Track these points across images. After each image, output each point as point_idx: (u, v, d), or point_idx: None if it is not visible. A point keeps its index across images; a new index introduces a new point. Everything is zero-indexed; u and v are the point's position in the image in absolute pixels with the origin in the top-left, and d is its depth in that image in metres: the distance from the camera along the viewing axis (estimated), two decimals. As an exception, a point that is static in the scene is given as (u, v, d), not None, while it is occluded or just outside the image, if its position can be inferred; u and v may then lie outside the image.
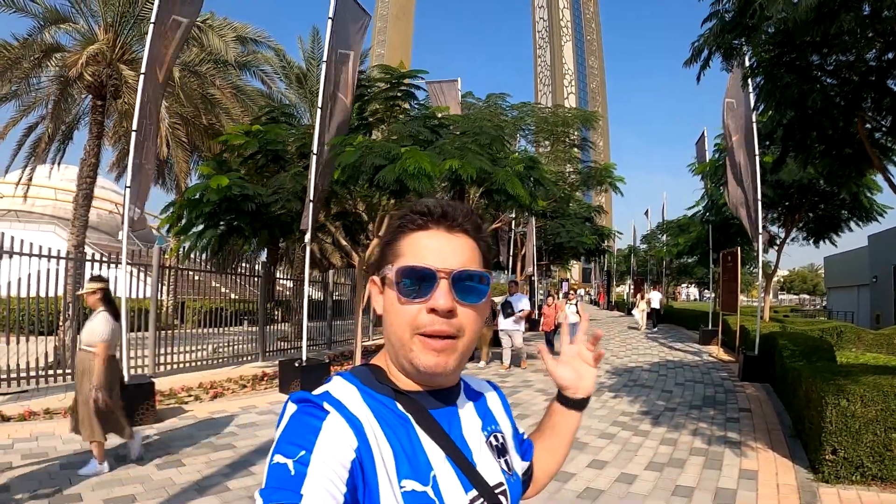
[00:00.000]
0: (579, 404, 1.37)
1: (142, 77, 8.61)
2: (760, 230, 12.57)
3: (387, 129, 13.68)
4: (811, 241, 18.82)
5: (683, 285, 64.00)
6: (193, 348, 12.63)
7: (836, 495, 5.42)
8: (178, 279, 17.38)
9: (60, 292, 11.05)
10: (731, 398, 10.29)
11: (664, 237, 35.45)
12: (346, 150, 10.56)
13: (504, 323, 13.83)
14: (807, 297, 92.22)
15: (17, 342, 9.99)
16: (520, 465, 1.29)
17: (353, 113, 13.46)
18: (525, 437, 1.41)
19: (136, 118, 8.60)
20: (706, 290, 29.72)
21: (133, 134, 8.63)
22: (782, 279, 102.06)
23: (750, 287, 53.32)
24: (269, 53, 20.34)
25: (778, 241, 18.89)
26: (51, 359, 10.85)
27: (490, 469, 1.11)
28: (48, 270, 10.23)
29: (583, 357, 1.35)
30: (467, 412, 1.16)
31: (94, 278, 6.29)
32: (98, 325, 5.79)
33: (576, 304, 15.39)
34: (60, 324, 11.56)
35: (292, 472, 0.85)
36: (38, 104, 14.74)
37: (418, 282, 1.02)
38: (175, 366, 12.00)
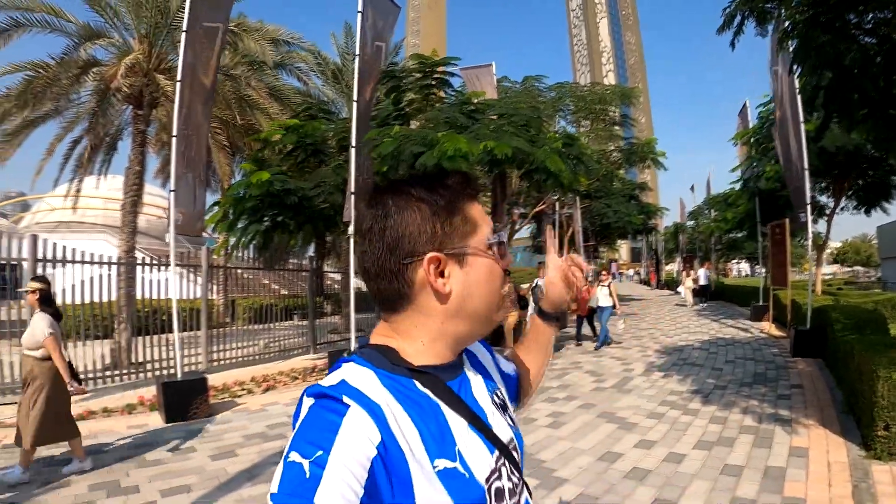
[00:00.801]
0: (545, 315, 1.50)
1: (178, 84, 8.77)
2: (808, 200, 12.24)
3: (423, 119, 13.72)
4: (862, 210, 18.28)
5: (734, 261, 62.84)
6: (245, 344, 12.90)
7: (888, 472, 5.29)
8: (227, 278, 17.73)
9: (114, 297, 11.36)
10: (783, 374, 10.08)
11: (711, 212, 34.79)
12: (384, 140, 10.64)
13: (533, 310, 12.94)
14: (860, 269, 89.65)
15: (75, 346, 10.35)
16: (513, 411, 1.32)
17: (390, 105, 13.56)
18: (513, 374, 1.45)
19: (175, 125, 8.78)
20: (757, 266, 29.12)
21: (174, 140, 8.81)
22: (835, 251, 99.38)
23: (802, 260, 52.01)
24: (304, 53, 20.58)
25: (826, 213, 18.43)
26: (107, 361, 11.20)
27: (502, 427, 1.13)
28: (100, 276, 10.54)
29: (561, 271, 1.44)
30: (472, 375, 1.18)
31: (34, 278, 6.14)
32: (36, 326, 5.66)
33: (608, 286, 14.44)
34: (115, 327, 11.89)
35: (307, 475, 0.83)
36: (80, 119, 15.11)
37: (500, 244, 1.09)
38: (228, 361, 12.31)
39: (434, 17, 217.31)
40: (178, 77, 8.78)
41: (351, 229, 10.95)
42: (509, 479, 1.09)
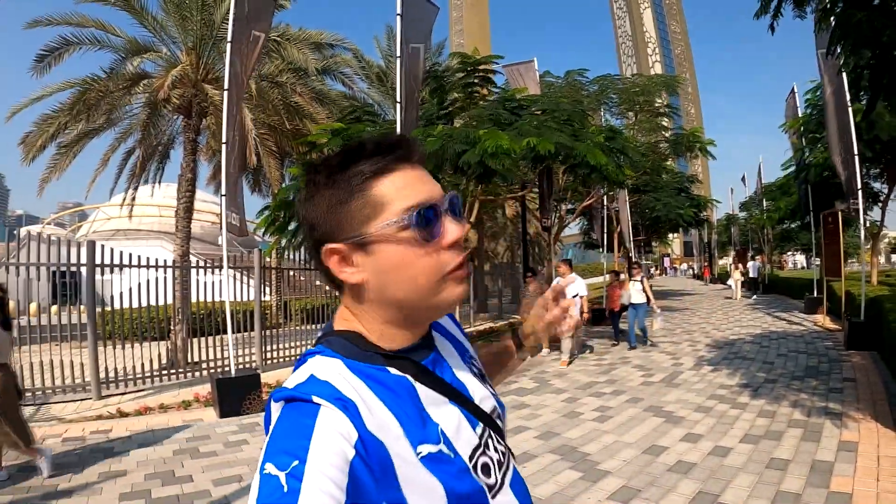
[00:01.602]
0: (519, 342, 1.41)
1: (225, 94, 9.03)
2: (859, 187, 11.97)
3: (467, 116, 13.80)
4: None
5: (788, 253, 61.37)
6: (298, 343, 13.17)
7: (941, 465, 5.20)
8: (280, 279, 18.05)
9: (170, 300, 11.73)
10: (836, 367, 9.91)
11: (764, 202, 34.09)
12: (428, 140, 10.77)
13: None
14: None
15: (133, 347, 10.75)
16: None
17: (434, 104, 13.68)
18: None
19: (224, 132, 9.04)
20: (812, 257, 28.79)
21: (223, 147, 9.08)
22: (893, 240, 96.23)
23: (858, 251, 50.59)
24: (347, 55, 20.80)
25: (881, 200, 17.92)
26: (164, 361, 11.58)
27: (483, 397, 1.11)
28: (156, 280, 10.92)
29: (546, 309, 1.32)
30: (446, 349, 1.13)
31: None
32: None
33: (641, 281, 13.34)
34: (171, 328, 12.28)
35: (285, 489, 0.77)
36: (133, 130, 15.55)
37: (428, 221, 0.94)
38: (281, 360, 12.57)
39: (477, 15, 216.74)
40: (226, 86, 9.03)
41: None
42: (495, 450, 1.07)
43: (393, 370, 0.99)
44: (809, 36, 10.63)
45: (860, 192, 11.98)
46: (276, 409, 0.90)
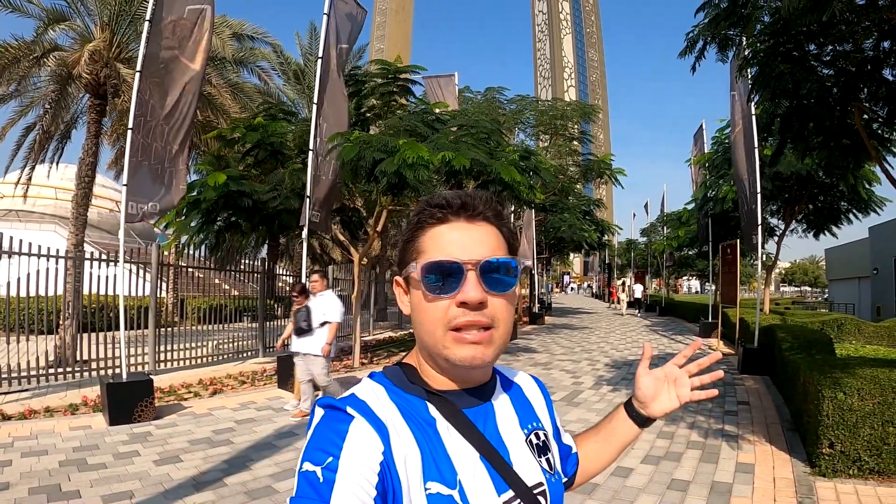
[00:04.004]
0: (642, 420, 1.33)
1: (138, 75, 8.59)
2: (760, 222, 12.52)
3: (383, 125, 13.66)
4: (811, 233, 18.76)
5: (684, 278, 63.97)
6: (194, 345, 12.63)
7: (832, 489, 5.40)
8: (178, 276, 17.39)
9: (60, 291, 11.06)
10: (730, 391, 10.27)
11: (665, 230, 35.65)
12: (346, 146, 10.57)
13: (298, 343, 8.23)
14: (808, 289, 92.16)
15: (18, 341, 10.03)
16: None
17: (351, 109, 13.48)
18: (573, 450, 1.37)
19: (131, 116, 8.57)
20: (707, 283, 30.61)
21: (129, 132, 8.61)
22: (784, 271, 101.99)
23: (751, 279, 53.33)
24: (267, 49, 20.28)
25: (777, 234, 18.83)
26: (51, 358, 10.88)
27: (529, 468, 1.08)
28: (47, 270, 10.23)
29: (677, 383, 1.29)
30: (503, 407, 1.14)
31: None
32: None
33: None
34: (61, 323, 11.57)
35: (321, 480, 0.86)
36: (36, 104, 14.71)
37: (444, 277, 0.99)
38: (175, 363, 12.03)
39: (400, 22, 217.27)
40: (139, 67, 8.59)
41: (305, 233, 10.88)
42: None
43: (431, 408, 1.03)
44: (719, 76, 11.09)
45: (760, 228, 12.51)
46: (317, 415, 0.97)
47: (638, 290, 36.98)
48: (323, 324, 8.15)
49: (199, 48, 9.41)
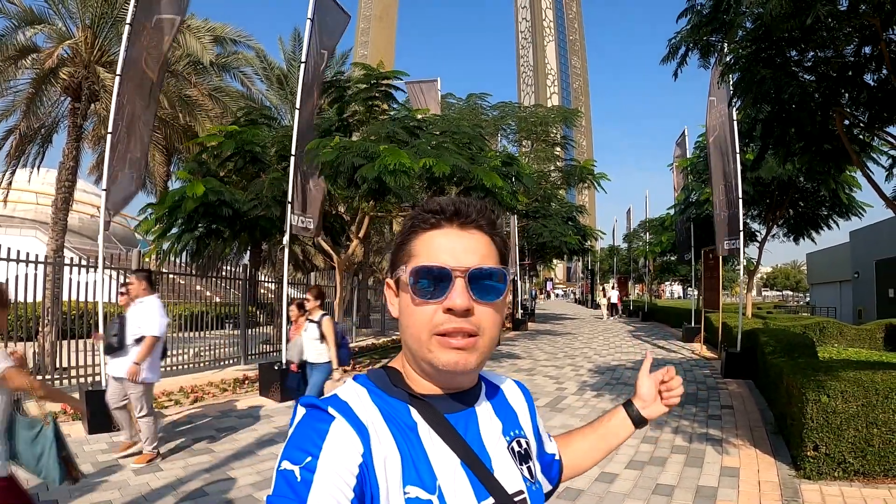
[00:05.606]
0: (638, 420, 1.44)
1: (118, 79, 8.50)
2: (741, 228, 12.58)
3: (365, 131, 13.62)
4: (792, 238, 18.86)
5: (667, 283, 64.31)
6: (175, 352, 12.45)
7: (818, 492, 5.42)
8: (158, 283, 17.21)
9: (39, 297, 10.89)
10: (714, 395, 10.30)
11: (647, 235, 35.80)
12: (323, 150, 10.51)
13: (112, 364, 6.67)
14: (790, 293, 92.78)
15: (-6, 348, 9.88)
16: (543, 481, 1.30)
17: (334, 115, 13.44)
18: (556, 457, 1.41)
19: (111, 121, 8.48)
20: (690, 288, 30.81)
21: (108, 137, 8.51)
22: (766, 276, 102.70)
23: (733, 284, 53.72)
24: (250, 54, 20.22)
25: (758, 239, 18.93)
26: (30, 365, 10.70)
27: (510, 475, 1.07)
28: (26, 275, 10.06)
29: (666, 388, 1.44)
30: (486, 414, 1.13)
31: None
32: None
33: (319, 324, 7.57)
34: (40, 329, 11.39)
35: (299, 479, 0.86)
36: (16, 107, 14.54)
37: (433, 282, 0.99)
38: (156, 370, 11.85)
39: (384, 28, 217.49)
40: (119, 71, 8.49)
41: (286, 239, 10.79)
42: None
43: (413, 412, 1.02)
44: (698, 80, 11.17)
45: (741, 233, 12.57)
46: (298, 413, 0.97)
47: (614, 296, 39.28)
48: (140, 339, 6.34)
49: (160, 57, 9.36)
